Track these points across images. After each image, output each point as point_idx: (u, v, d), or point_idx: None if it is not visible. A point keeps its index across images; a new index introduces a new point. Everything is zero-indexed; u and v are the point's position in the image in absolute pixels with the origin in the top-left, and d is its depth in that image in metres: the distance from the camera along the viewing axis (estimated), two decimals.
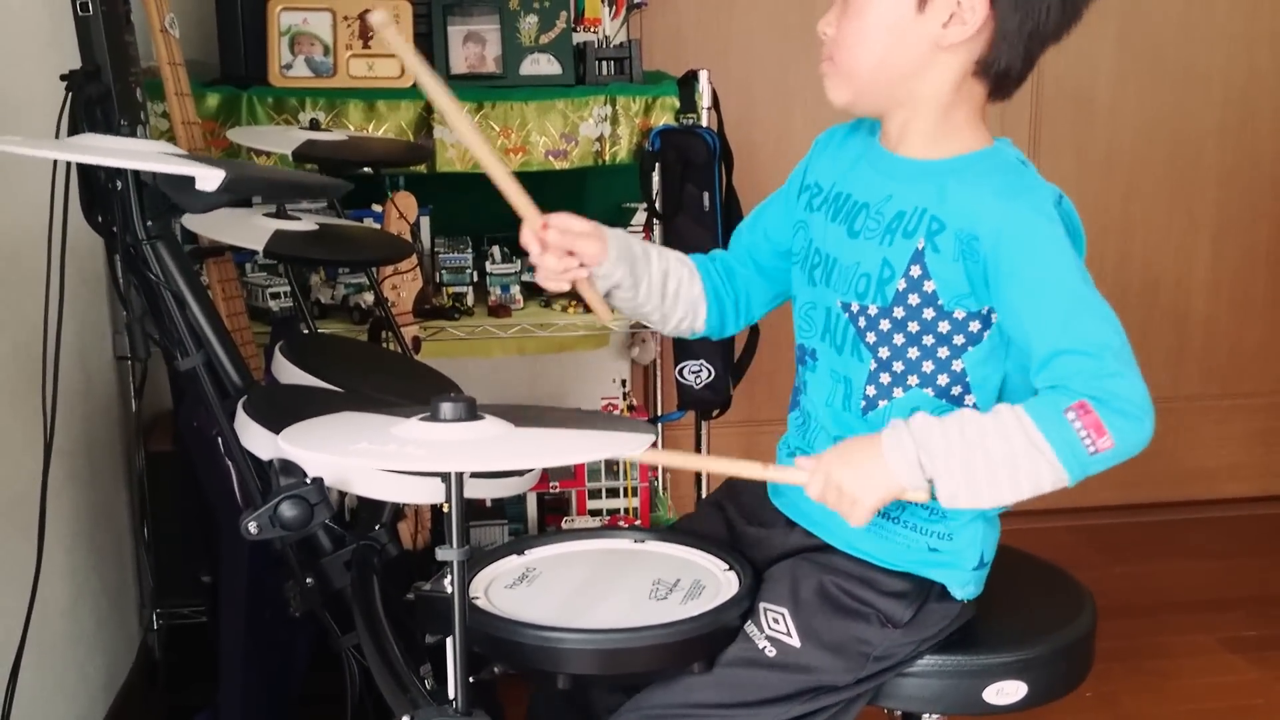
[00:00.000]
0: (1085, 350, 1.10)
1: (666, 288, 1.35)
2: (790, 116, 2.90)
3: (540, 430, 1.08)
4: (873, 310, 1.22)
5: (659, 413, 2.77)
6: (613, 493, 2.53)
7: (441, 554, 1.03)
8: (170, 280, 1.24)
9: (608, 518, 2.51)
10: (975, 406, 1.21)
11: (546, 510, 2.52)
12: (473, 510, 2.29)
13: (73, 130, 1.33)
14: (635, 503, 2.55)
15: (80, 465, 1.95)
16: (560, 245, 1.24)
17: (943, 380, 1.21)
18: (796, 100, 2.88)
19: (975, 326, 1.20)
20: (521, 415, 1.09)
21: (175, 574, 2.23)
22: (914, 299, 1.20)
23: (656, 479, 2.68)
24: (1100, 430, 1.07)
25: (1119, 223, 3.07)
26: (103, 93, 1.32)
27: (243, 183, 1.04)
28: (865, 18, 1.19)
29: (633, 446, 1.04)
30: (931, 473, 1.12)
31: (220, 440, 1.56)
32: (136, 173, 1.16)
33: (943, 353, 1.21)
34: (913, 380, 1.22)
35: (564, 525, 2.47)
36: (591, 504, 2.53)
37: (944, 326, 1.20)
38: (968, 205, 1.17)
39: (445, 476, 1.04)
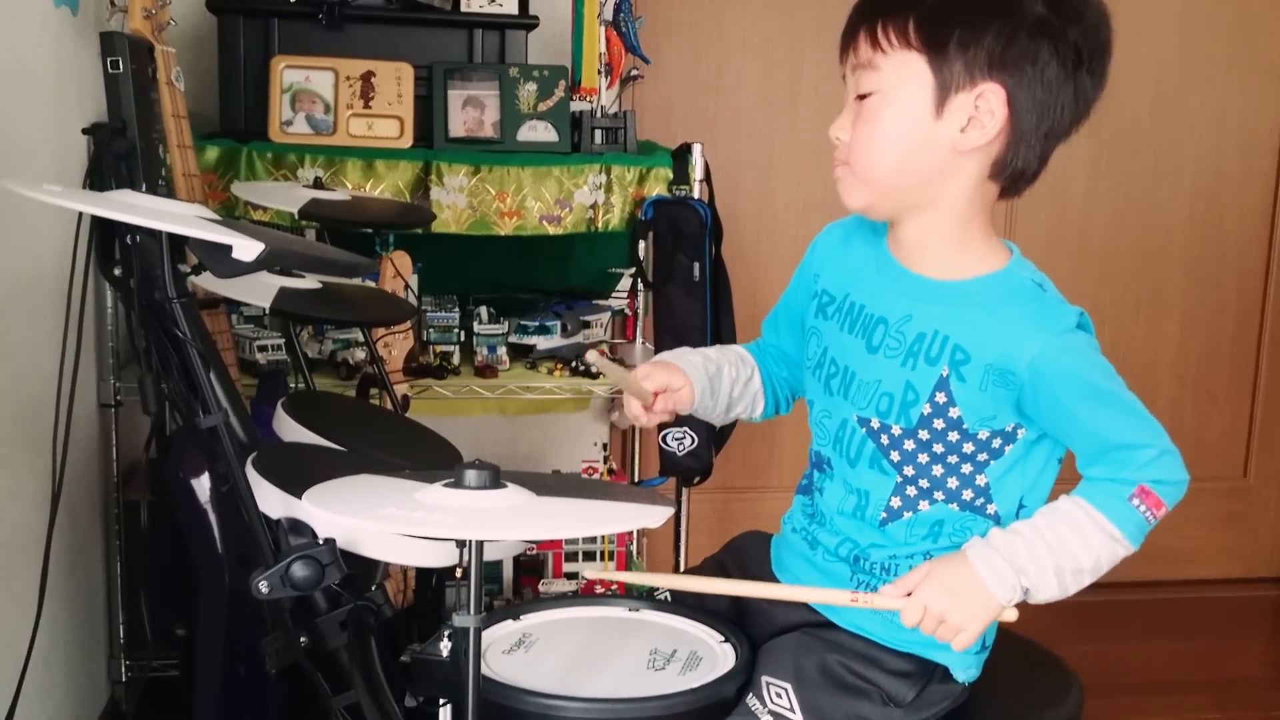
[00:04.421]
0: (1134, 444, 1.17)
1: (733, 394, 1.39)
2: (774, 190, 2.96)
3: (562, 500, 1.09)
4: (896, 430, 1.23)
5: (638, 478, 2.78)
6: (589, 556, 2.54)
7: (459, 620, 1.04)
8: (195, 338, 1.24)
9: (584, 582, 2.51)
10: (996, 516, 1.24)
11: (523, 572, 2.52)
12: (449, 570, 2.28)
13: (96, 183, 1.34)
14: (611, 566, 2.55)
15: (58, 512, 1.93)
16: (664, 411, 1.31)
17: (967, 495, 1.24)
18: (780, 174, 2.95)
19: (998, 443, 1.22)
20: (541, 484, 1.10)
21: (146, 626, 2.20)
22: (939, 423, 1.21)
23: (632, 543, 2.68)
24: (1159, 505, 1.17)
25: (1089, 308, 3.03)
26: (127, 149, 1.33)
27: (279, 255, 1.05)
28: (880, 123, 1.18)
29: (652, 518, 1.06)
30: (1027, 585, 1.17)
31: (213, 495, 1.57)
32: (172, 234, 1.17)
33: (966, 469, 1.23)
34: (938, 496, 1.24)
35: (541, 589, 2.47)
36: (568, 567, 2.53)
37: (968, 447, 1.22)
38: (996, 337, 1.18)
39: (463, 543, 1.05)
